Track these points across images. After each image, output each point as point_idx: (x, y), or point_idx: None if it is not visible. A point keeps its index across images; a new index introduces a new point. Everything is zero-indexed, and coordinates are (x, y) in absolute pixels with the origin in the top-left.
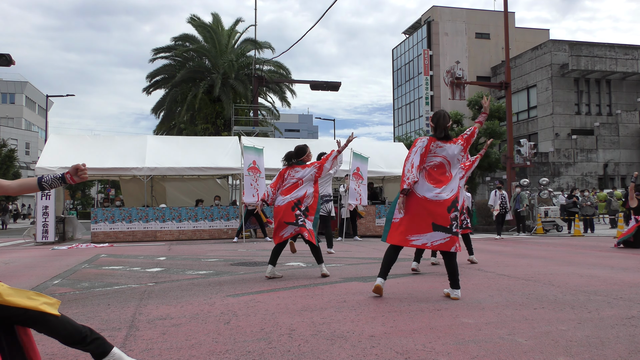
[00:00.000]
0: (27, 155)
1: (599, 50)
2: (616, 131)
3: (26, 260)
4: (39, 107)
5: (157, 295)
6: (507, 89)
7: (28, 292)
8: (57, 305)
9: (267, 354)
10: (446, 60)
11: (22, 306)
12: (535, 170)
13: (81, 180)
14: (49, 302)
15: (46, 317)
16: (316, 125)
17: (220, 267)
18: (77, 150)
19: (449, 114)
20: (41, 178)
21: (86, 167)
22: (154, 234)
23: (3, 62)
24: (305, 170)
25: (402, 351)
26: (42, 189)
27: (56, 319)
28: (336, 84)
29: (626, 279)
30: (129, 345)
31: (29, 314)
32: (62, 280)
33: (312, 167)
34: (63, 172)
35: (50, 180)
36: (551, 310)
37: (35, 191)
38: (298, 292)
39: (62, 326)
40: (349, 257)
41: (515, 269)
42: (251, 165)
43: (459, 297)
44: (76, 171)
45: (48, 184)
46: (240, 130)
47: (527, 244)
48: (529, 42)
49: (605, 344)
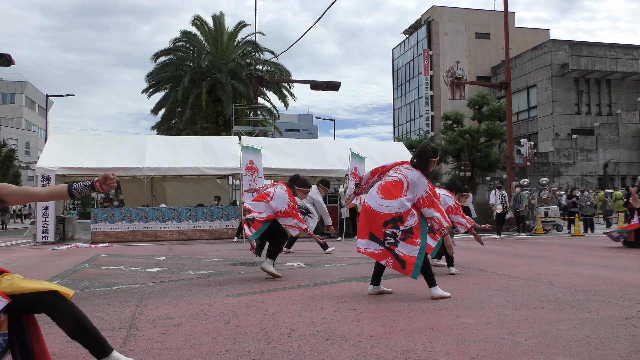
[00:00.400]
0: (27, 155)
1: (599, 50)
2: (616, 131)
3: (26, 260)
4: (39, 107)
5: (157, 295)
6: (507, 89)
7: (41, 281)
8: (71, 292)
9: (267, 354)
10: (446, 60)
11: (35, 290)
12: (535, 170)
13: (109, 189)
14: (64, 288)
15: (57, 302)
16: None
17: (220, 267)
18: (77, 150)
19: (435, 150)
20: (71, 185)
21: (114, 175)
22: (154, 234)
23: (3, 62)
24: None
25: (402, 351)
26: (72, 196)
27: (66, 304)
28: (336, 84)
29: (626, 279)
30: (129, 345)
31: (42, 298)
32: (62, 280)
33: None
34: (92, 180)
35: (80, 188)
36: (551, 310)
37: (66, 198)
38: (298, 292)
39: (70, 314)
40: (349, 257)
41: (515, 269)
42: (248, 165)
43: (389, 291)
44: (105, 179)
45: (78, 191)
46: (240, 130)
47: (527, 244)
48: (529, 42)
49: (605, 344)
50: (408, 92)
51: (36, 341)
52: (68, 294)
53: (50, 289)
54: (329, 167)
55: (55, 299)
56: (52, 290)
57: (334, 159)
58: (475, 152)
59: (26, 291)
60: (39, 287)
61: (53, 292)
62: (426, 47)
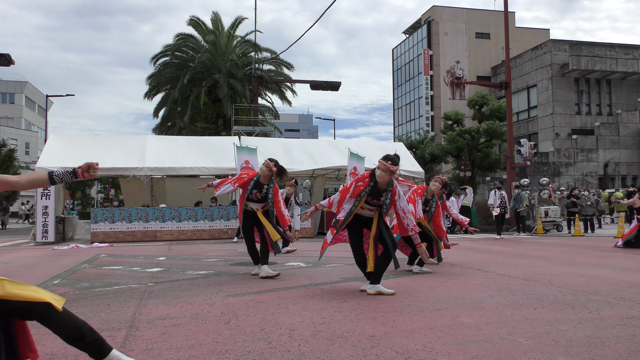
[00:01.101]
0: (27, 155)
1: (599, 50)
2: (616, 131)
3: (26, 260)
4: (38, 107)
5: (157, 295)
6: (507, 88)
7: (33, 286)
8: (62, 302)
9: (267, 354)
10: (446, 60)
11: (28, 299)
12: (536, 170)
13: (91, 177)
14: (56, 298)
15: (50, 312)
16: (316, 125)
17: (220, 267)
18: (77, 150)
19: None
20: (52, 172)
21: (98, 165)
22: (153, 234)
23: (3, 62)
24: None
25: (402, 351)
26: (52, 182)
27: (58, 314)
28: (336, 84)
29: (626, 279)
30: (129, 345)
31: (35, 307)
32: (62, 280)
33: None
34: (74, 167)
35: (61, 174)
36: (551, 310)
37: (46, 185)
38: (298, 292)
39: (64, 322)
40: (349, 257)
41: (515, 269)
42: (244, 165)
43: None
44: (88, 168)
45: (59, 177)
46: (240, 130)
47: (527, 244)
48: (529, 42)
49: (605, 344)
50: (408, 92)
51: (22, 336)
52: (59, 307)
53: (43, 301)
54: (327, 167)
55: (49, 310)
56: (46, 302)
57: (332, 159)
58: (476, 152)
59: (18, 298)
60: (32, 297)
61: (46, 304)
62: (426, 47)
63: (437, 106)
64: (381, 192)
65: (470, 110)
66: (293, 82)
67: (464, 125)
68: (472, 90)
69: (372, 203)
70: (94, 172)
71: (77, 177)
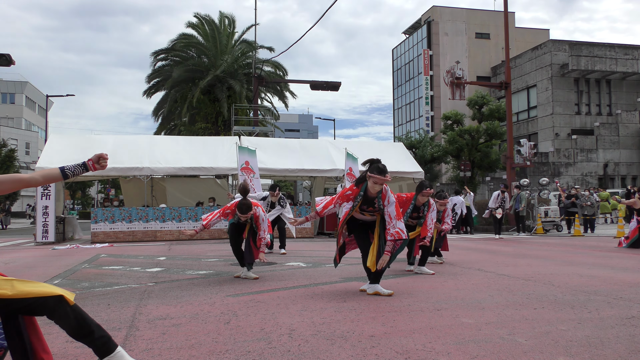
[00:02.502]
0: (27, 155)
1: (599, 50)
2: (616, 131)
3: (26, 260)
4: (39, 107)
5: (157, 295)
6: (507, 89)
7: (42, 283)
8: (73, 296)
9: (267, 354)
10: (446, 60)
11: (40, 295)
12: (535, 170)
13: (102, 168)
14: (67, 292)
15: (62, 305)
16: (316, 125)
17: (220, 267)
18: (77, 151)
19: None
20: (63, 167)
21: (107, 155)
22: (154, 234)
23: (3, 62)
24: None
25: (402, 351)
26: (65, 177)
27: (70, 307)
28: (336, 84)
29: (626, 279)
30: (129, 345)
31: (47, 302)
32: (62, 280)
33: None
34: (84, 160)
35: (73, 168)
36: (551, 310)
37: (59, 180)
38: (298, 292)
39: (74, 316)
40: (348, 257)
41: (515, 269)
42: (244, 166)
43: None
44: (99, 159)
45: (71, 171)
46: (240, 130)
47: (527, 244)
48: (529, 42)
49: (605, 344)
50: (408, 92)
51: (35, 339)
52: (71, 300)
53: (56, 294)
54: (326, 167)
55: (61, 303)
56: (58, 295)
57: (332, 158)
58: (475, 152)
59: (30, 295)
60: (44, 292)
61: (59, 297)
62: (426, 47)
63: (437, 106)
64: (373, 200)
65: (470, 110)
66: (293, 82)
67: (463, 125)
68: (472, 91)
69: (368, 210)
70: (104, 163)
71: (87, 170)
